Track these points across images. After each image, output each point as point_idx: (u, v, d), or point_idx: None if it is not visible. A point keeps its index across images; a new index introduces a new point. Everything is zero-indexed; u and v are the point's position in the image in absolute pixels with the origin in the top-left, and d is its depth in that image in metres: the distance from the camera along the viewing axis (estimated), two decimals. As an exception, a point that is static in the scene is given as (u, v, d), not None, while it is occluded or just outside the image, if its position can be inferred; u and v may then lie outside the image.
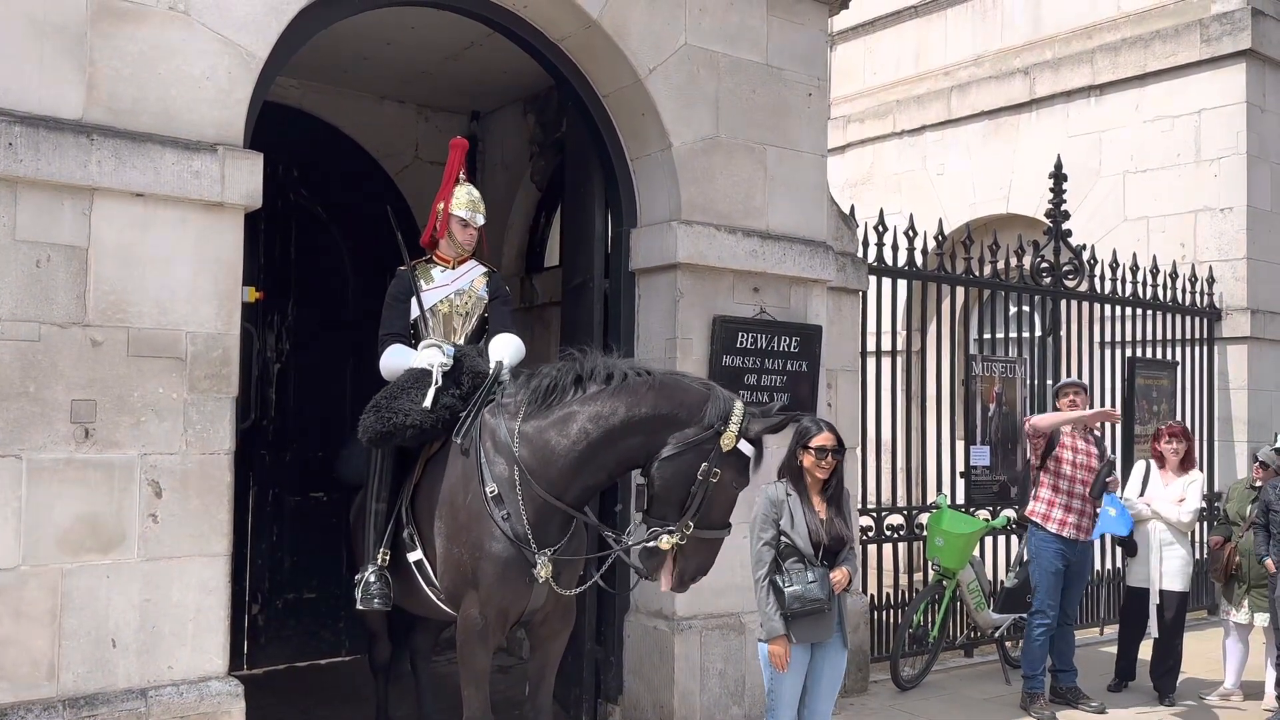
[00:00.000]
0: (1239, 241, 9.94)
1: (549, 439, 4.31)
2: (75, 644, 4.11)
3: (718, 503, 4.17)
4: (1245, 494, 7.13)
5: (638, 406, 4.21)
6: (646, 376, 4.31)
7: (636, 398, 4.23)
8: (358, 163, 7.81)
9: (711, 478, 4.10)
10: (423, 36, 6.70)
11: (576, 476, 4.31)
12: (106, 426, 4.18)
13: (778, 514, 4.44)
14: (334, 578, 7.29)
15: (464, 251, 5.22)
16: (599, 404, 4.26)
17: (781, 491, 4.50)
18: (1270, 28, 10.06)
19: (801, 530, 4.42)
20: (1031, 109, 11.45)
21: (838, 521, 4.50)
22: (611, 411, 4.23)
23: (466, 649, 4.44)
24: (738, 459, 4.15)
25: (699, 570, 4.25)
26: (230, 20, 4.51)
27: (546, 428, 4.33)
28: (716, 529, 4.22)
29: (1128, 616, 7.27)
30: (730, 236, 5.97)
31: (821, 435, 4.50)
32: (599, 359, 4.42)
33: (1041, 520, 6.65)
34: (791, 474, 4.54)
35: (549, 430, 4.32)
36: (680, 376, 4.43)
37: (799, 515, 4.43)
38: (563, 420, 4.30)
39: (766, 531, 4.45)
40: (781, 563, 4.40)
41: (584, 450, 4.26)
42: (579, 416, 4.28)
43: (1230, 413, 9.96)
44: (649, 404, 4.21)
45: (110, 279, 4.20)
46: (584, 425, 4.26)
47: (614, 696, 6.02)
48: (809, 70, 6.42)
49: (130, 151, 4.21)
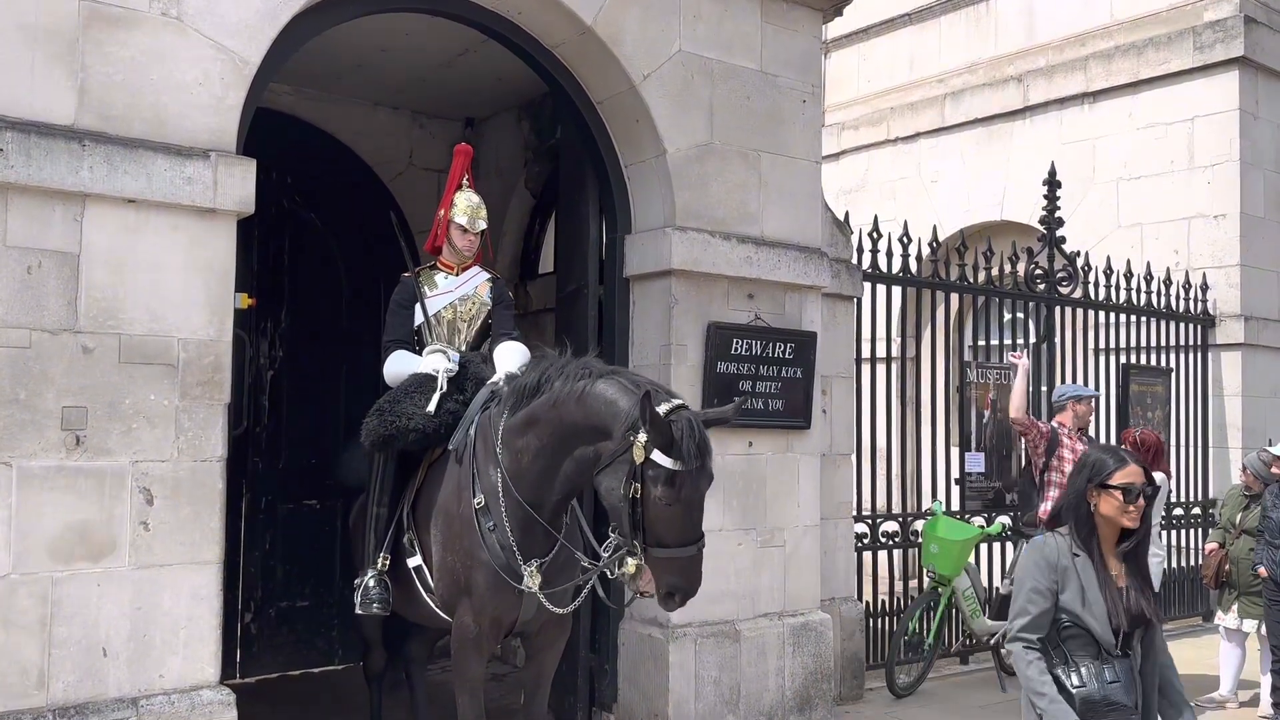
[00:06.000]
0: (1232, 248, 9.97)
1: (519, 446, 4.25)
2: (65, 653, 4.08)
3: (659, 520, 3.73)
4: (1238, 500, 7.16)
5: (572, 415, 4.03)
6: (581, 383, 4.03)
7: (570, 406, 4.03)
8: (351, 169, 7.80)
9: (635, 494, 3.74)
10: (417, 43, 6.69)
11: (547, 485, 4.21)
12: (98, 434, 4.15)
13: (1058, 583, 3.19)
14: (327, 586, 7.26)
15: (465, 258, 5.22)
16: (546, 411, 4.13)
17: (1064, 550, 3.23)
18: (1263, 35, 10.10)
19: (1099, 610, 3.16)
20: (1025, 116, 11.48)
21: (1140, 594, 3.23)
22: (557, 419, 4.08)
23: (460, 657, 4.42)
24: (660, 472, 3.68)
25: (678, 590, 3.81)
26: (223, 26, 4.49)
27: (516, 434, 4.26)
28: (668, 548, 3.75)
29: None
30: (725, 243, 5.96)
31: (1126, 470, 3.22)
32: (556, 362, 4.24)
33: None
34: (1079, 524, 3.25)
35: (518, 437, 4.25)
36: (611, 381, 4.01)
37: (1092, 588, 3.17)
38: (526, 425, 4.22)
39: (1035, 605, 3.19)
40: (1066, 652, 3.19)
41: (544, 460, 4.17)
42: (537, 424, 4.17)
43: (1224, 419, 9.98)
44: (579, 413, 4.00)
45: (102, 285, 4.18)
46: (538, 433, 4.16)
47: (609, 704, 5.99)
48: (803, 77, 6.43)
49: (122, 157, 4.19)
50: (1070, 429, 6.81)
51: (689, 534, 3.78)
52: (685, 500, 3.73)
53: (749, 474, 6.03)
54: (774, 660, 6.07)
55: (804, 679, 6.19)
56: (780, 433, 6.21)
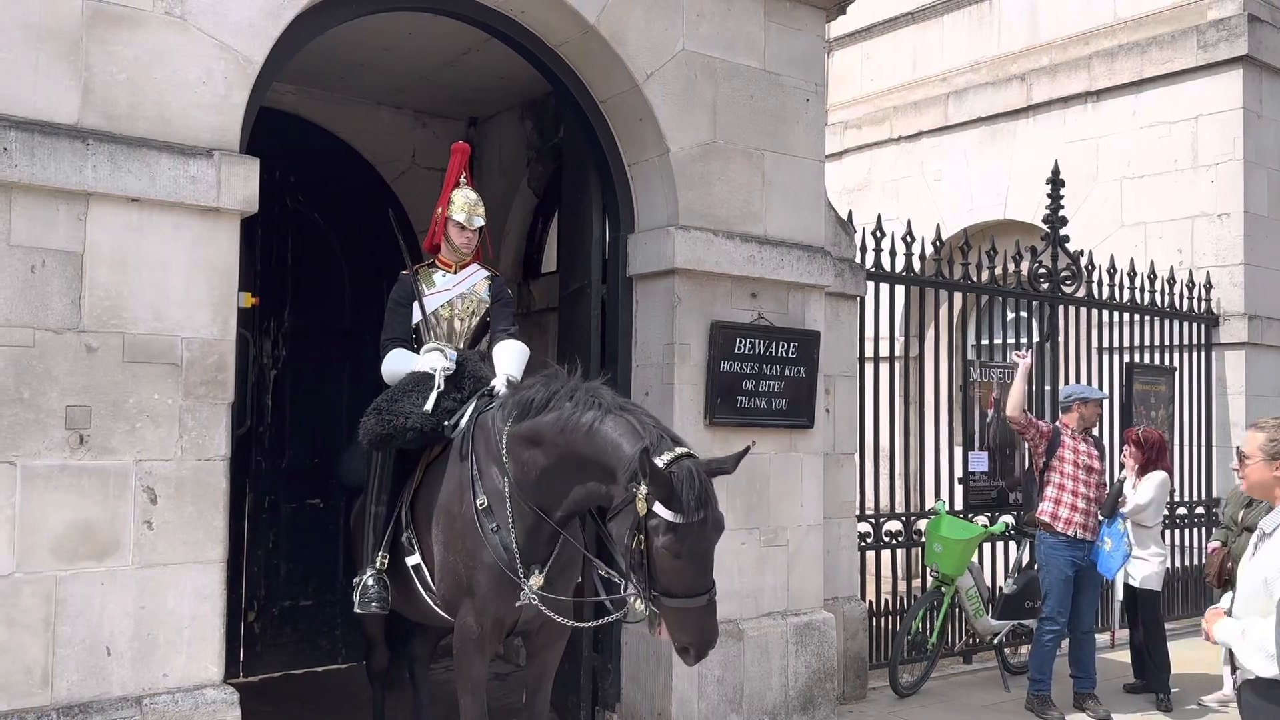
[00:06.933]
0: (1236, 247, 9.95)
1: (525, 457, 4.22)
2: (70, 652, 4.08)
3: (666, 571, 3.66)
4: (1240, 498, 7.16)
5: (580, 448, 3.98)
6: (590, 414, 3.96)
7: (579, 438, 3.98)
8: (354, 169, 7.80)
9: (638, 545, 3.69)
10: (420, 42, 6.69)
11: (553, 501, 4.19)
12: (101, 433, 4.15)
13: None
14: (330, 585, 7.27)
15: (464, 256, 5.22)
16: (554, 435, 4.08)
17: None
18: (1267, 34, 10.08)
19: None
20: (1028, 115, 11.46)
21: None
22: (566, 446, 4.03)
23: (463, 657, 4.42)
24: (662, 523, 3.61)
25: (691, 646, 3.74)
26: (226, 25, 4.50)
27: (522, 446, 4.23)
28: (675, 598, 3.66)
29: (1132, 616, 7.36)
30: (728, 242, 5.96)
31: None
32: (566, 384, 4.18)
33: (1050, 519, 6.66)
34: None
35: (523, 449, 4.22)
36: (620, 420, 3.94)
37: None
38: (531, 441, 4.18)
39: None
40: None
41: (551, 479, 4.15)
42: (543, 444, 4.13)
43: (1228, 418, 9.96)
44: (589, 449, 3.95)
45: (105, 284, 4.18)
46: (546, 453, 4.12)
47: (612, 704, 5.99)
48: (807, 76, 6.42)
49: (126, 156, 4.19)
50: (1074, 430, 6.80)
51: (697, 585, 3.69)
52: (690, 552, 3.64)
53: (752, 473, 6.01)
54: (777, 659, 6.07)
55: (807, 678, 6.19)
56: (783, 432, 6.20)
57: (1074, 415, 6.82)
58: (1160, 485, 7.05)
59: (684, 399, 5.81)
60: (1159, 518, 7.18)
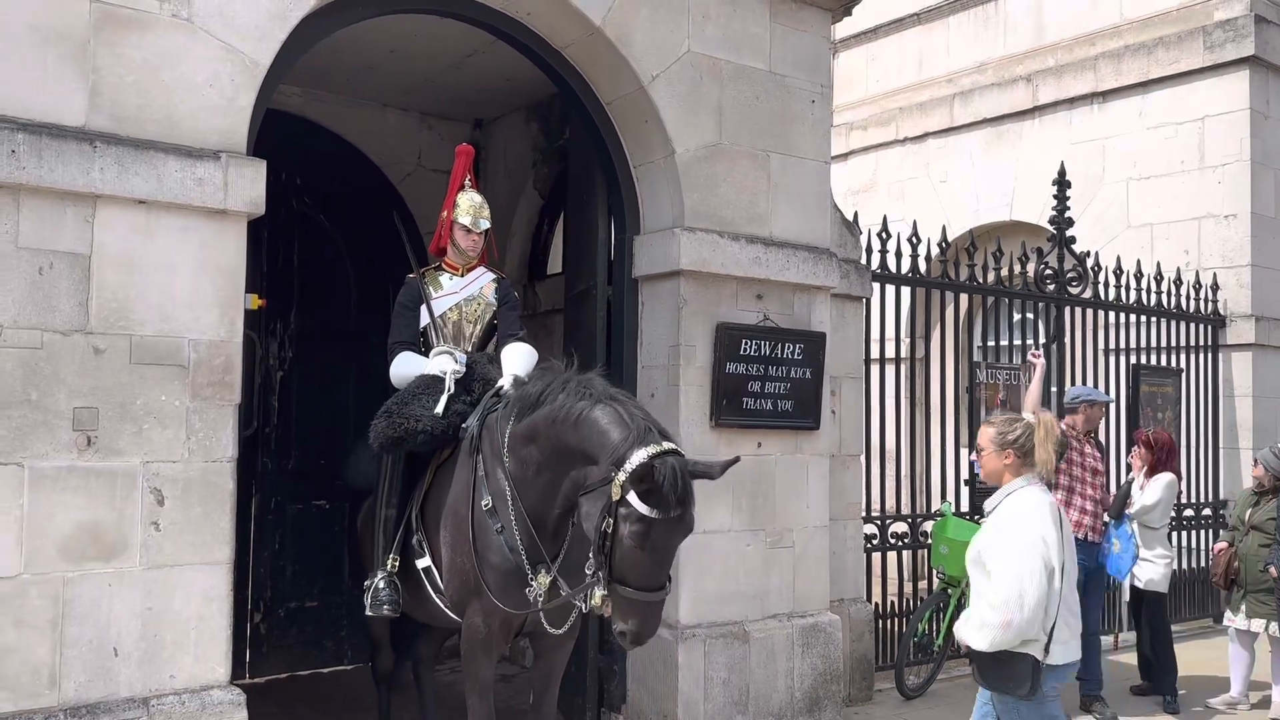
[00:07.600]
0: (1243, 248, 9.93)
1: (523, 455, 4.25)
2: (77, 653, 4.09)
3: (625, 560, 3.67)
4: (1247, 499, 7.15)
5: (567, 438, 4.02)
6: (580, 404, 3.99)
7: (566, 428, 4.02)
8: (360, 171, 7.81)
9: (606, 528, 3.70)
10: (426, 44, 6.70)
11: (549, 498, 4.20)
12: (109, 434, 4.16)
13: None
14: (336, 586, 7.28)
15: (470, 258, 5.23)
16: (546, 427, 4.12)
17: None
18: (1274, 34, 10.06)
19: None
20: (1035, 116, 11.45)
21: None
22: (555, 437, 4.07)
23: (470, 658, 4.43)
24: (633, 513, 3.63)
25: (630, 633, 3.73)
26: (233, 28, 4.51)
27: (521, 444, 4.25)
28: (630, 588, 3.68)
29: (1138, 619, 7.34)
30: (733, 243, 5.96)
31: None
32: (560, 376, 4.21)
33: None
34: None
35: (522, 446, 4.25)
36: (609, 409, 3.96)
37: None
38: (528, 437, 4.22)
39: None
40: None
41: (545, 474, 4.17)
42: (538, 438, 4.17)
43: (1235, 419, 9.94)
44: (574, 437, 3.99)
45: (113, 286, 4.19)
46: (540, 447, 4.16)
47: (618, 705, 5.99)
48: (812, 77, 6.42)
49: (133, 159, 4.20)
50: (1080, 431, 6.79)
51: (652, 580, 3.71)
52: (654, 546, 3.67)
53: (758, 475, 6.02)
54: (783, 661, 6.06)
55: (813, 680, 6.19)
56: (789, 433, 6.20)
57: (1080, 417, 6.80)
58: (1168, 487, 7.04)
59: (689, 400, 5.82)
60: (1166, 519, 7.17)
